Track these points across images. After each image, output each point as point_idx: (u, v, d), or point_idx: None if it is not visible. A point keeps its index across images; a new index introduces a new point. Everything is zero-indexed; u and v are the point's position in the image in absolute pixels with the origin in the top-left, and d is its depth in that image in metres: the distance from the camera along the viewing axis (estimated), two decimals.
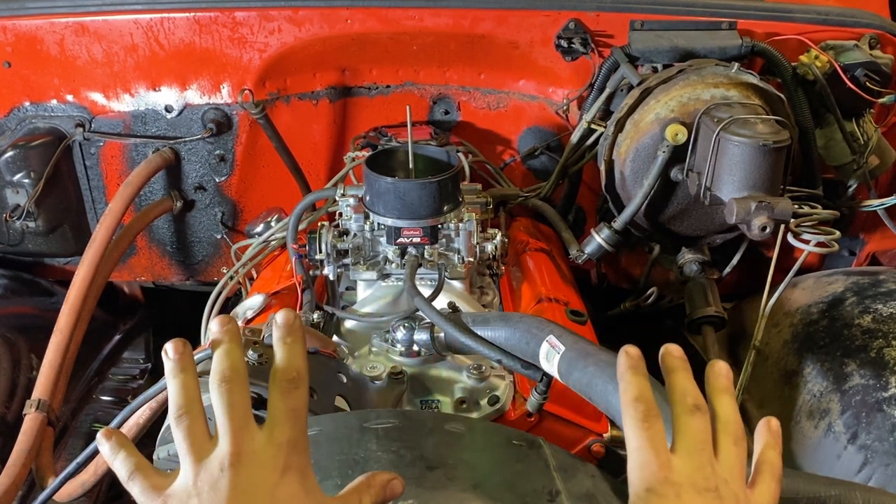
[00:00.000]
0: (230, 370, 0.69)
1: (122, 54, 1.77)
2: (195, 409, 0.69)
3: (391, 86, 1.91)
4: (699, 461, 0.69)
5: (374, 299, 1.41)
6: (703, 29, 1.69)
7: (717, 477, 0.69)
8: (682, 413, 0.72)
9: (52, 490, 1.28)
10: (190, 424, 0.68)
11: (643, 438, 0.69)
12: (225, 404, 0.67)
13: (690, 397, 0.73)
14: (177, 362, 0.70)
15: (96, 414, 1.95)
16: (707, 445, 0.71)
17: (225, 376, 0.68)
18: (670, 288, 1.86)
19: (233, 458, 0.65)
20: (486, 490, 0.81)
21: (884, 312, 1.47)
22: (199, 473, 0.65)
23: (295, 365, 0.69)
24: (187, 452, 0.67)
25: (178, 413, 0.68)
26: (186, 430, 0.67)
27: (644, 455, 0.68)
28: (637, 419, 0.70)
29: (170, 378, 0.70)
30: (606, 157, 1.64)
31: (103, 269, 1.72)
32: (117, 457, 0.69)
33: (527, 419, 1.23)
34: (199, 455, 0.66)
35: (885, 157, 1.72)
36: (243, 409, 0.68)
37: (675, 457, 0.69)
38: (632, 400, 0.71)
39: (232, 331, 0.71)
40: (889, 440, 1.27)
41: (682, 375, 0.75)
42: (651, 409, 0.70)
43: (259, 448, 0.66)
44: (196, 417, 0.68)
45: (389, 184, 1.36)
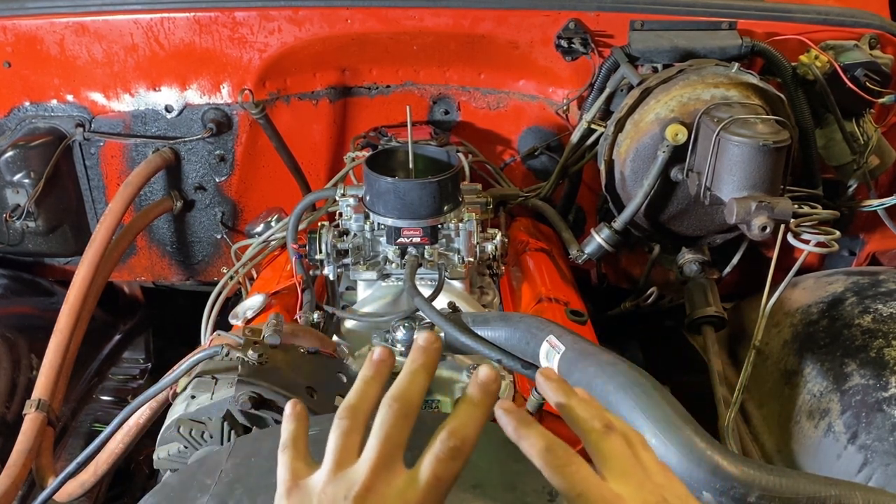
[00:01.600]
0: (406, 395, 0.67)
1: (123, 54, 1.77)
2: (361, 418, 0.67)
3: (391, 86, 1.91)
4: (637, 479, 0.67)
5: (374, 299, 1.41)
6: (703, 29, 1.69)
7: (657, 487, 0.67)
8: (598, 439, 0.68)
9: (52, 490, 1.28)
10: (349, 428, 0.67)
11: (579, 482, 0.65)
12: (383, 428, 0.65)
13: (597, 420, 0.69)
14: (374, 366, 0.70)
15: (96, 414, 1.95)
16: (635, 462, 0.68)
17: (399, 399, 0.66)
18: (670, 288, 1.86)
19: (361, 492, 0.63)
20: (486, 490, 0.81)
21: (884, 312, 1.47)
22: (328, 484, 0.64)
23: (466, 434, 0.65)
24: (332, 453, 0.66)
25: (344, 413, 0.67)
26: (343, 432, 0.66)
27: (590, 498, 0.64)
28: (560, 466, 0.65)
29: (359, 379, 0.69)
30: (606, 157, 1.64)
31: (103, 269, 1.72)
32: (288, 424, 0.70)
33: None
34: (340, 463, 0.65)
35: (885, 157, 1.72)
36: (397, 442, 0.65)
37: (612, 484, 0.66)
38: (543, 451, 0.66)
39: (432, 356, 0.69)
40: (889, 440, 1.27)
41: (574, 401, 0.71)
42: (567, 451, 0.66)
43: (390, 495, 0.63)
44: (358, 425, 0.67)
45: (389, 184, 1.36)
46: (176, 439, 1.06)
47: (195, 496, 0.82)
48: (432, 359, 0.69)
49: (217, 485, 0.86)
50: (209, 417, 1.05)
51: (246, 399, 1.01)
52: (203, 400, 1.07)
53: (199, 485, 0.84)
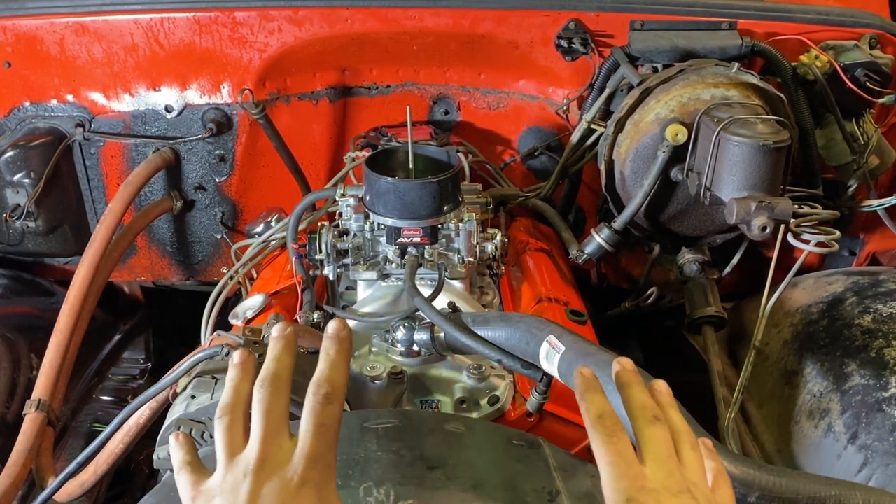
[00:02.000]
0: (273, 375, 0.71)
1: (123, 54, 1.77)
2: (238, 412, 0.71)
3: (391, 86, 1.91)
4: (668, 467, 0.71)
5: (374, 299, 1.41)
6: (703, 29, 1.69)
7: (687, 481, 0.71)
8: (644, 424, 0.73)
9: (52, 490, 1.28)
10: (229, 424, 0.71)
11: (614, 452, 0.70)
12: (261, 408, 0.69)
13: (649, 409, 0.74)
14: (238, 367, 0.74)
15: (96, 414, 1.95)
16: (672, 452, 0.72)
17: (267, 380, 0.71)
18: (670, 288, 1.86)
19: (257, 464, 0.67)
20: (486, 490, 0.81)
21: (884, 312, 1.47)
22: (226, 474, 0.68)
23: (332, 379, 0.70)
24: (221, 450, 0.70)
25: (220, 413, 0.71)
26: (224, 429, 0.70)
27: (617, 468, 0.69)
28: (604, 434, 0.71)
29: (227, 382, 0.73)
30: (606, 157, 1.64)
31: (103, 269, 1.72)
32: (175, 454, 0.73)
33: (527, 419, 1.23)
34: (231, 454, 0.69)
35: (885, 157, 1.72)
36: (278, 415, 0.69)
37: (646, 466, 0.70)
38: (595, 417, 0.72)
39: (289, 339, 0.74)
40: (889, 440, 1.27)
41: (636, 389, 0.76)
42: (616, 424, 0.72)
43: (283, 458, 0.67)
44: (236, 419, 0.71)
45: (389, 184, 1.36)
46: None
47: None
48: (289, 339, 0.74)
49: None
50: (209, 417, 1.05)
51: None
52: (203, 400, 1.07)
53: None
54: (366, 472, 0.81)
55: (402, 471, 0.83)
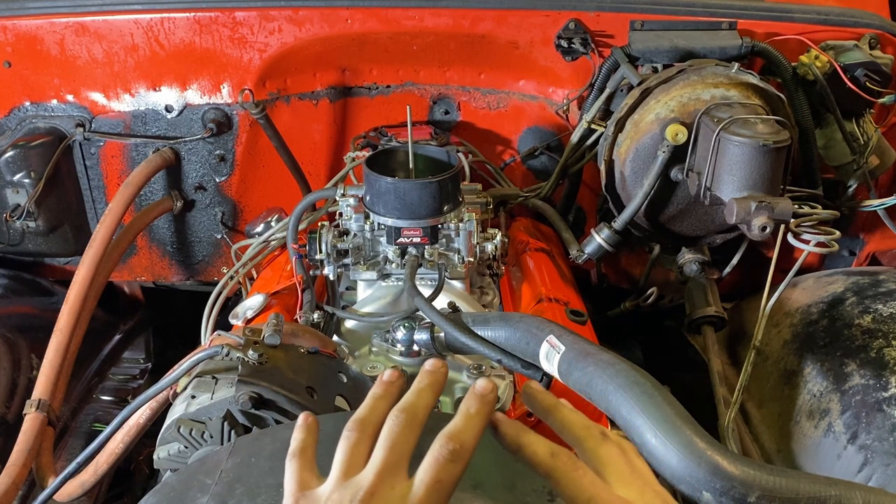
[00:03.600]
0: (412, 407, 0.69)
1: (123, 54, 1.77)
2: (369, 430, 0.69)
3: (391, 86, 1.91)
4: (638, 485, 0.68)
5: (374, 299, 1.41)
6: (703, 29, 1.69)
7: (656, 493, 0.69)
8: (596, 445, 0.70)
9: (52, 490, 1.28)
10: (357, 441, 0.68)
11: (588, 487, 0.66)
12: (389, 437, 0.67)
13: (594, 428, 0.71)
14: (384, 386, 0.72)
15: (96, 414, 1.95)
16: (632, 468, 0.70)
17: (405, 410, 0.68)
18: (670, 288, 1.86)
19: (366, 496, 0.64)
20: (486, 490, 0.81)
21: (884, 312, 1.47)
22: (334, 492, 0.65)
23: (464, 439, 0.66)
24: (340, 465, 0.67)
25: (353, 425, 0.69)
26: (350, 445, 0.68)
27: (599, 501, 0.66)
28: (567, 472, 0.67)
29: (369, 396, 0.71)
30: (606, 157, 1.64)
31: (103, 269, 1.72)
32: (298, 434, 0.71)
33: (527, 419, 1.23)
34: (347, 472, 0.66)
35: (885, 157, 1.72)
36: (403, 450, 0.67)
37: (617, 489, 0.67)
38: (549, 457, 0.68)
39: (438, 378, 0.72)
40: (889, 440, 1.27)
41: (566, 410, 0.73)
42: (571, 457, 0.68)
43: (392, 499, 0.64)
44: (366, 437, 0.68)
45: (389, 184, 1.36)
46: (176, 439, 1.06)
47: (195, 496, 0.82)
48: (439, 381, 0.71)
49: (217, 485, 0.86)
50: (209, 417, 1.05)
51: (246, 399, 1.01)
52: (203, 400, 1.07)
53: (200, 485, 0.84)
54: None
55: None
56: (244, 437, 0.98)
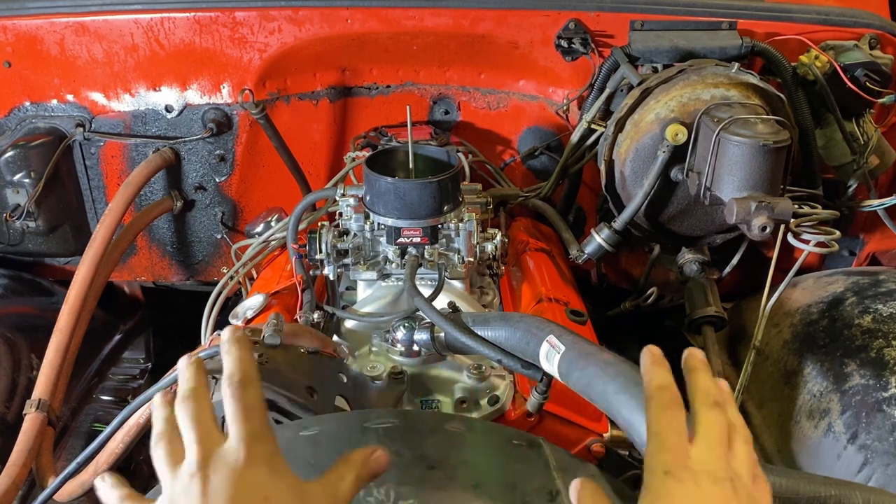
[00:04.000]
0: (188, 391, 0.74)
1: (123, 54, 1.77)
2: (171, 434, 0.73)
3: (391, 86, 1.91)
4: (717, 453, 0.70)
5: (374, 299, 1.41)
6: (703, 29, 1.69)
7: (732, 470, 0.70)
8: (703, 407, 0.73)
9: (52, 490, 1.28)
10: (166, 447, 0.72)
11: (664, 424, 0.70)
12: (187, 418, 0.72)
13: (712, 394, 0.74)
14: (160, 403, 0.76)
15: (96, 414, 1.95)
16: (724, 439, 0.72)
17: (184, 397, 0.73)
18: (670, 288, 1.86)
19: (200, 462, 0.68)
20: (486, 490, 0.81)
21: (884, 312, 1.47)
22: (173, 484, 0.69)
23: (239, 368, 0.73)
24: (164, 469, 0.71)
25: (155, 442, 0.73)
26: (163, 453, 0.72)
27: (664, 440, 0.69)
28: (661, 405, 0.71)
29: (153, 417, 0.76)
30: (606, 157, 1.64)
31: (103, 269, 1.72)
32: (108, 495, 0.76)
33: (527, 419, 1.23)
34: (173, 470, 0.70)
35: (885, 157, 1.72)
36: (207, 418, 0.72)
37: (694, 447, 0.70)
38: (657, 387, 0.73)
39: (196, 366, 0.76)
40: (889, 440, 1.27)
41: (703, 375, 0.76)
42: (675, 398, 0.72)
43: (224, 450, 0.69)
44: (172, 440, 0.73)
45: (389, 184, 1.36)
46: None
47: None
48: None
49: None
50: None
51: None
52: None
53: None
54: None
55: (403, 471, 0.83)
56: None
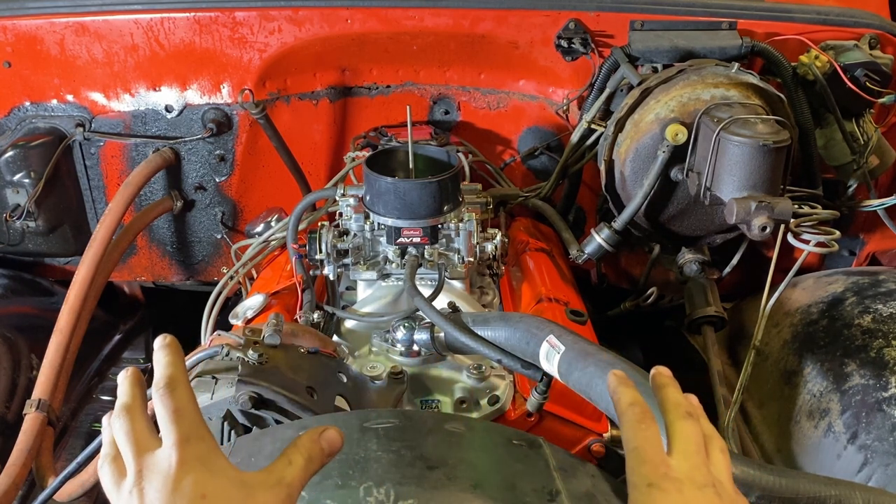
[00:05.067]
0: (121, 407, 0.74)
1: (123, 54, 1.77)
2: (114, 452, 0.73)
3: (391, 86, 1.91)
4: (695, 461, 0.71)
5: (374, 299, 1.41)
6: (703, 29, 1.69)
7: (712, 476, 0.71)
8: (676, 419, 0.75)
9: (52, 490, 1.28)
10: (111, 465, 0.72)
11: (641, 438, 0.71)
12: (121, 434, 0.72)
13: (683, 406, 0.76)
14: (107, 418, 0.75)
15: (96, 414, 1.95)
16: (701, 448, 0.73)
17: (118, 413, 0.73)
18: (670, 288, 1.86)
19: (136, 477, 0.68)
20: (486, 490, 0.81)
21: (884, 312, 1.47)
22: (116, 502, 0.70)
23: (164, 373, 0.73)
24: (112, 489, 0.71)
25: (100, 464, 0.73)
26: (107, 473, 0.71)
27: (643, 453, 0.70)
28: (634, 421, 0.73)
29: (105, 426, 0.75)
30: (606, 157, 1.64)
31: (103, 269, 1.72)
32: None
33: (527, 419, 1.23)
34: (117, 489, 0.70)
35: (885, 157, 1.72)
36: (139, 432, 0.72)
37: (672, 458, 0.71)
38: (627, 404, 0.75)
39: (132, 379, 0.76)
40: (889, 440, 1.27)
41: (672, 390, 0.78)
42: (646, 413, 0.73)
43: (157, 458, 0.69)
44: (115, 458, 0.72)
45: (389, 184, 1.36)
46: None
47: None
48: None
49: None
50: (209, 417, 1.05)
51: (246, 399, 1.01)
52: (203, 400, 1.07)
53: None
54: (366, 472, 0.81)
55: (403, 471, 0.83)
56: (244, 437, 0.98)
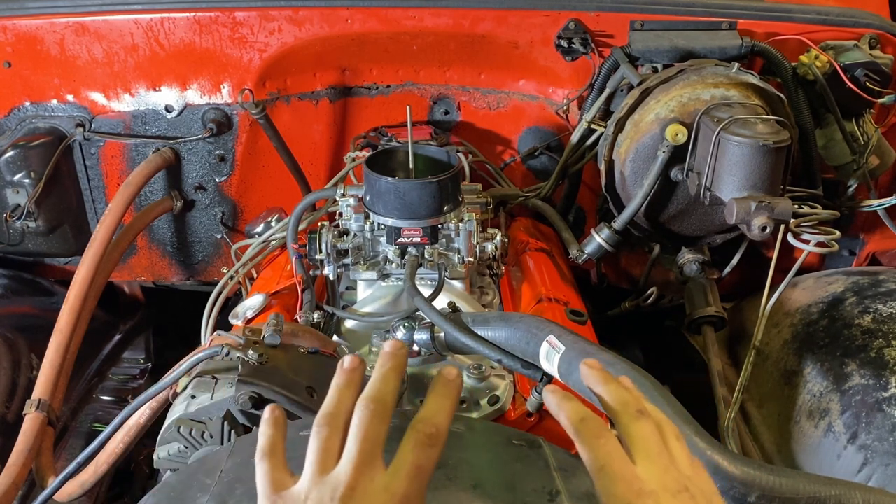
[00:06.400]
0: (379, 396, 0.68)
1: (123, 54, 1.77)
2: (339, 423, 0.68)
3: (391, 86, 1.91)
4: (662, 464, 0.68)
5: (374, 299, 1.41)
6: (703, 29, 1.69)
7: (682, 476, 0.68)
8: (630, 421, 0.70)
9: (52, 490, 1.28)
10: (328, 436, 0.67)
11: (603, 454, 0.67)
12: (361, 430, 0.66)
13: (632, 404, 0.71)
14: (346, 374, 0.71)
15: (96, 414, 1.95)
16: (662, 448, 0.69)
17: (372, 400, 0.68)
18: (670, 288, 1.86)
19: (346, 492, 0.63)
20: (486, 490, 0.81)
21: (884, 312, 1.47)
22: (312, 490, 0.64)
23: (440, 422, 0.68)
24: (314, 462, 0.66)
25: (322, 420, 0.68)
26: (322, 440, 0.67)
27: (610, 471, 0.66)
28: (590, 437, 0.68)
29: (333, 387, 0.70)
30: (606, 157, 1.64)
31: (103, 269, 1.72)
32: (267, 429, 0.70)
33: (527, 419, 1.23)
34: (322, 469, 0.66)
35: (885, 157, 1.72)
36: (376, 442, 0.66)
37: (638, 466, 0.67)
38: (578, 420, 0.69)
39: (400, 359, 0.71)
40: (889, 440, 1.27)
41: (612, 386, 0.73)
42: (600, 425, 0.69)
43: (374, 491, 0.64)
44: (336, 431, 0.67)
45: (389, 184, 1.36)
46: (176, 439, 1.06)
47: (195, 496, 0.82)
48: (400, 362, 0.71)
49: (217, 485, 0.86)
50: (209, 417, 1.05)
51: (246, 399, 1.01)
52: (203, 400, 1.07)
53: (200, 485, 0.84)
54: None
55: None
56: (244, 437, 0.98)
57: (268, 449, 0.69)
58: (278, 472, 0.68)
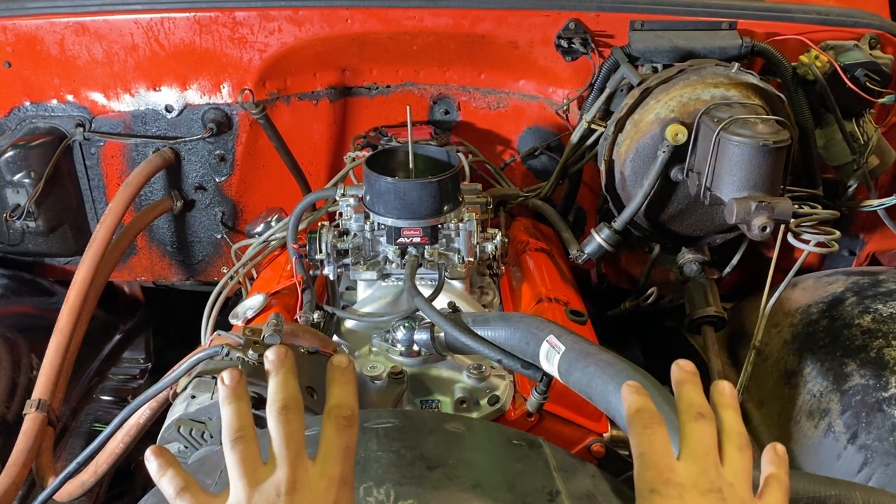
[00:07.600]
0: (289, 399, 0.72)
1: (123, 54, 1.77)
2: (250, 434, 0.71)
3: (391, 86, 1.91)
4: (703, 465, 0.71)
5: (374, 299, 1.41)
6: (703, 29, 1.69)
7: (721, 480, 0.71)
8: (688, 420, 0.75)
9: (52, 490, 1.28)
10: (245, 448, 0.70)
11: (646, 443, 0.72)
12: (283, 432, 0.70)
13: (696, 406, 0.76)
14: (233, 389, 0.73)
15: (96, 414, 1.95)
16: (711, 450, 0.73)
17: (285, 405, 0.71)
18: (670, 288, 1.86)
19: (289, 486, 0.67)
20: (486, 490, 0.81)
21: (884, 312, 1.47)
22: (253, 497, 0.67)
23: (350, 403, 0.73)
24: (241, 475, 0.69)
25: (233, 436, 0.70)
26: (241, 454, 0.69)
27: (647, 458, 0.71)
28: (640, 426, 0.74)
29: (224, 403, 0.72)
30: (606, 157, 1.64)
31: (103, 269, 1.72)
32: (165, 475, 0.73)
33: (527, 419, 1.23)
34: (253, 480, 0.68)
35: (885, 157, 1.72)
36: (299, 438, 0.70)
37: (680, 461, 0.72)
38: (634, 410, 0.75)
39: (289, 361, 0.74)
40: (889, 440, 1.27)
41: (689, 387, 0.78)
42: (653, 417, 0.73)
43: (313, 479, 0.68)
44: (251, 442, 0.70)
45: (389, 184, 1.36)
46: (176, 439, 1.06)
47: None
48: (290, 365, 0.75)
49: (217, 485, 0.86)
50: (209, 417, 1.05)
51: None
52: (203, 400, 1.07)
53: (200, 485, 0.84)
54: (366, 472, 0.81)
55: (403, 471, 0.83)
56: None
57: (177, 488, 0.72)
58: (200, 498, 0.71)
